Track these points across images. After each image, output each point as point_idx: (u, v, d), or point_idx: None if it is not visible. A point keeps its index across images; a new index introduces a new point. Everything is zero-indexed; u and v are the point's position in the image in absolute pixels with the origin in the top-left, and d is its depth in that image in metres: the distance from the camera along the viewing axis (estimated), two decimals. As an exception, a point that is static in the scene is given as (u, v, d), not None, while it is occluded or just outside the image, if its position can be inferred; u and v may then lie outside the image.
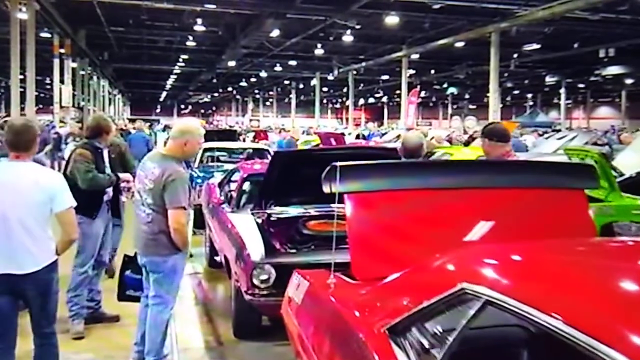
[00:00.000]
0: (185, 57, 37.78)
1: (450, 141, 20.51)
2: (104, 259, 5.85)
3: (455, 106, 64.73)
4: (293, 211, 6.27)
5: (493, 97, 23.37)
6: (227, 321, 5.71)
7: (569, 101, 50.34)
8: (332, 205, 6.65)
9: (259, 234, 5.28)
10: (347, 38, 26.89)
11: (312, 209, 6.32)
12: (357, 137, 23.70)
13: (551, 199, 3.19)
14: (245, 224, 5.68)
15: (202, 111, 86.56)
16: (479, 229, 2.97)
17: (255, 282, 4.80)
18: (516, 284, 1.94)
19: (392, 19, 22.16)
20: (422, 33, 26.04)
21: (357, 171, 3.14)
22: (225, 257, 5.76)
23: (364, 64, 35.00)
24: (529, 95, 57.50)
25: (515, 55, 31.54)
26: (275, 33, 25.44)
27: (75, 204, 3.99)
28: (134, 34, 29.29)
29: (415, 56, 31.05)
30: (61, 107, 24.05)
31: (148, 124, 40.58)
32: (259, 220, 5.80)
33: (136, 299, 4.78)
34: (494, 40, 23.02)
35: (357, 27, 24.09)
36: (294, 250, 5.16)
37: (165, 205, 4.27)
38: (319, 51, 31.46)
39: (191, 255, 6.99)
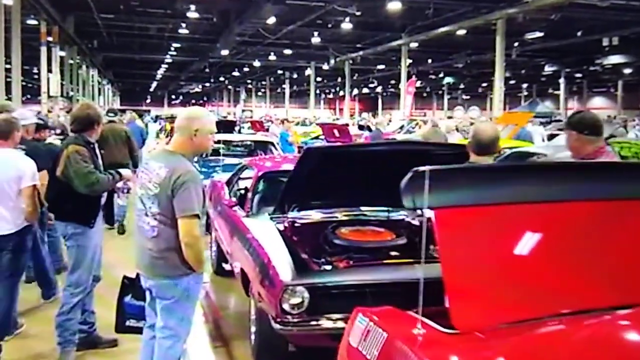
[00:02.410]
0: (178, 45, 36.74)
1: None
2: (99, 273, 4.98)
3: (449, 96, 64.01)
4: (317, 215, 5.44)
5: (498, 87, 22.57)
6: (245, 344, 4.89)
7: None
8: (361, 208, 5.90)
9: (285, 246, 4.44)
10: (346, 25, 26.01)
11: (339, 212, 5.50)
12: (361, 127, 22.68)
13: None
14: (266, 232, 4.84)
15: (193, 101, 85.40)
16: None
17: (286, 307, 3.96)
18: None
19: (394, 5, 21.30)
20: (424, 20, 25.19)
21: (457, 177, 2.29)
22: (242, 270, 4.92)
23: (361, 52, 34.08)
24: (524, 86, 56.69)
25: (516, 44, 30.77)
26: (272, 20, 24.54)
27: (37, 182, 4.74)
28: (124, 21, 28.22)
29: (413, 45, 30.19)
30: (49, 97, 23.10)
31: (138, 114, 39.65)
32: (280, 227, 4.96)
33: (138, 331, 3.93)
34: (499, 28, 22.24)
35: (357, 13, 23.23)
36: (329, 267, 4.31)
37: (175, 214, 3.44)
38: (315, 39, 30.60)
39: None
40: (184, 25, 28.56)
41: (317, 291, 3.99)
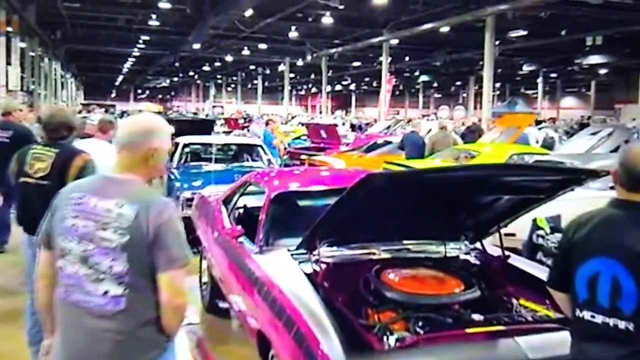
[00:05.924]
0: (147, 38, 35.01)
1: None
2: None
3: (422, 95, 63.34)
4: (348, 252, 4.22)
5: (487, 86, 21.67)
6: None
7: (535, 91, 49.05)
8: (404, 242, 4.72)
9: (324, 303, 3.23)
10: (327, 20, 24.90)
11: (376, 248, 4.29)
12: (352, 128, 21.44)
13: None
14: (293, 279, 3.64)
15: (160, 96, 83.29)
16: None
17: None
18: None
19: (380, -1, 20.23)
20: (409, 15, 24.14)
21: None
22: (258, 333, 3.69)
23: (340, 48, 32.90)
24: (497, 85, 56.14)
25: (497, 42, 29.96)
26: (249, 12, 23.21)
27: None
28: (90, 11, 26.55)
29: (393, 42, 29.12)
30: (8, 91, 21.52)
31: (103, 109, 37.88)
32: (307, 270, 3.75)
33: None
34: (489, 24, 21.33)
35: (340, 7, 22.03)
36: (393, 340, 3.10)
37: (158, 269, 2.26)
38: (292, 34, 29.36)
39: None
40: (154, 16, 27.03)
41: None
